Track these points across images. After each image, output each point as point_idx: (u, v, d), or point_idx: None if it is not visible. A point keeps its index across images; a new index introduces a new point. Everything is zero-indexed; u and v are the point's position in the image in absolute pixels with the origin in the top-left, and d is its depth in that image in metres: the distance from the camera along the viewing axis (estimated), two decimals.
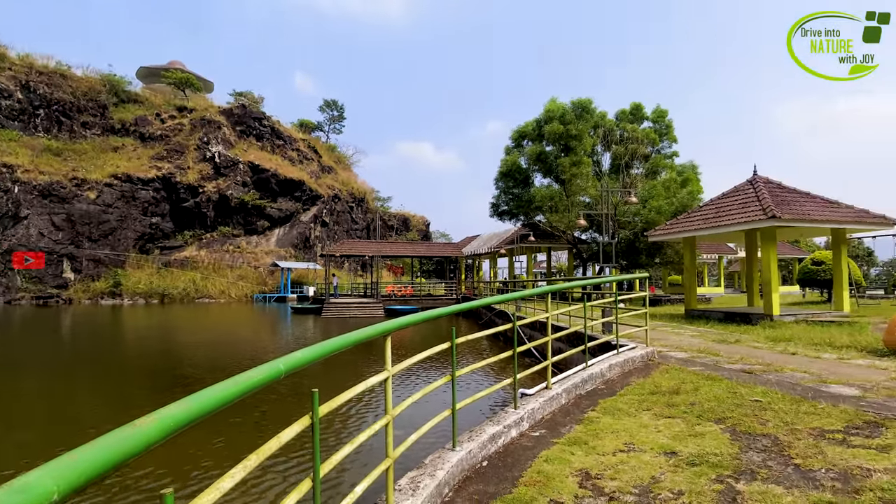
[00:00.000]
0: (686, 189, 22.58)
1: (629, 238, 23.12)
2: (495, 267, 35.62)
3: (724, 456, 3.85)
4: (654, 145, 26.73)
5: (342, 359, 13.70)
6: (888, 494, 3.09)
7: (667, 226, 16.66)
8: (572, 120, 23.06)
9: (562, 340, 10.59)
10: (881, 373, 6.35)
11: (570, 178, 23.03)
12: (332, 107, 71.11)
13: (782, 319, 13.09)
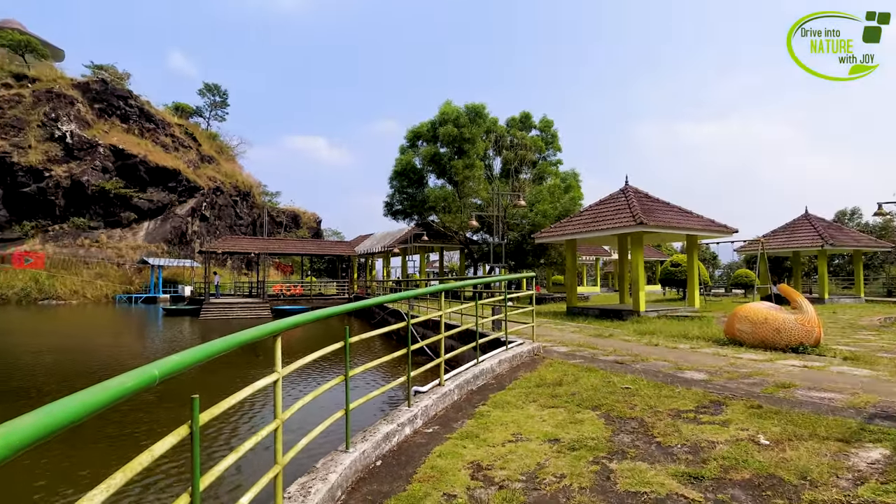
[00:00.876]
0: (569, 195, 24.43)
1: (517, 240, 24.43)
2: (388, 266, 35.56)
3: (599, 440, 4.20)
4: (541, 152, 28.55)
5: (229, 362, 12.73)
6: (727, 462, 3.59)
7: (551, 229, 17.86)
8: (466, 124, 23.82)
9: (454, 338, 10.85)
10: (723, 359, 7.37)
11: (463, 180, 23.74)
12: (213, 91, 65.71)
13: (648, 315, 14.64)
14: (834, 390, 5.29)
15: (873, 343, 9.24)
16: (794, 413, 4.45)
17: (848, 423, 4.14)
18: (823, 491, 3.11)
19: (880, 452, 3.57)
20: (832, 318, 14.82)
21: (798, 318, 8.05)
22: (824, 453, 3.62)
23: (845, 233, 25.77)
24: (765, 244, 24.14)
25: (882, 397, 4.96)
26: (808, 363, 6.96)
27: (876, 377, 6.03)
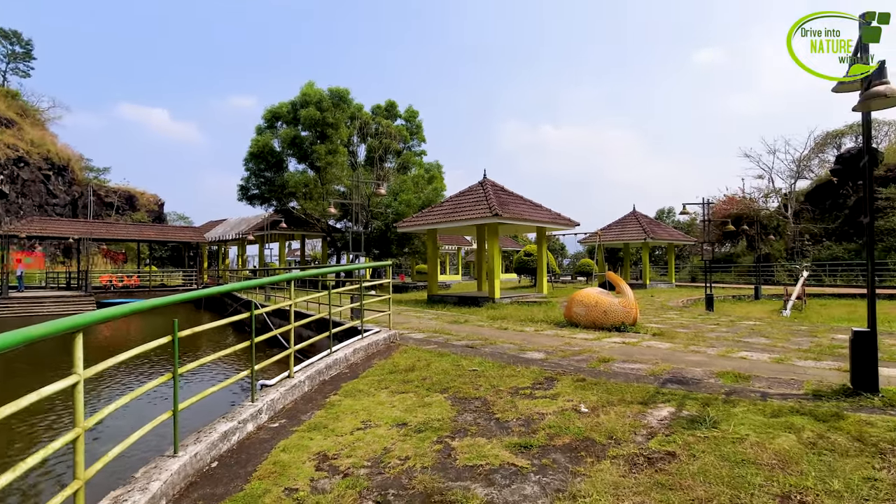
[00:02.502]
0: (432, 185, 25.07)
1: (382, 228, 24.45)
2: (244, 254, 33.12)
3: (444, 420, 4.39)
4: (406, 142, 28.80)
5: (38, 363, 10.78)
6: (553, 430, 4.00)
7: (413, 218, 18.19)
8: (329, 108, 23.03)
9: (310, 328, 10.52)
10: (560, 339, 8.21)
11: (325, 166, 22.98)
12: (10, 39, 53.79)
13: (502, 301, 15.69)
14: (642, 362, 6.21)
15: (676, 320, 11.03)
16: (609, 383, 5.12)
17: (647, 388, 4.89)
18: (624, 447, 3.63)
19: (668, 411, 4.27)
20: (650, 301, 17.36)
21: (621, 302, 9.28)
22: (628, 415, 4.22)
23: (663, 228, 30.32)
24: (601, 237, 27.38)
25: (675, 365, 5.94)
26: (626, 340, 8.06)
27: (674, 349, 7.20)
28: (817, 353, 6.72)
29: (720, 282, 32.66)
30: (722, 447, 3.50)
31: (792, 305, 15.54)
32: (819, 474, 3.07)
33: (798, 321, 11.97)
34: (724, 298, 20.56)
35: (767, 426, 3.80)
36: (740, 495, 2.89)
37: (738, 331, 9.22)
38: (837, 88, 4.55)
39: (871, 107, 4.10)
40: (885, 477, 2.99)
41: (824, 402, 4.28)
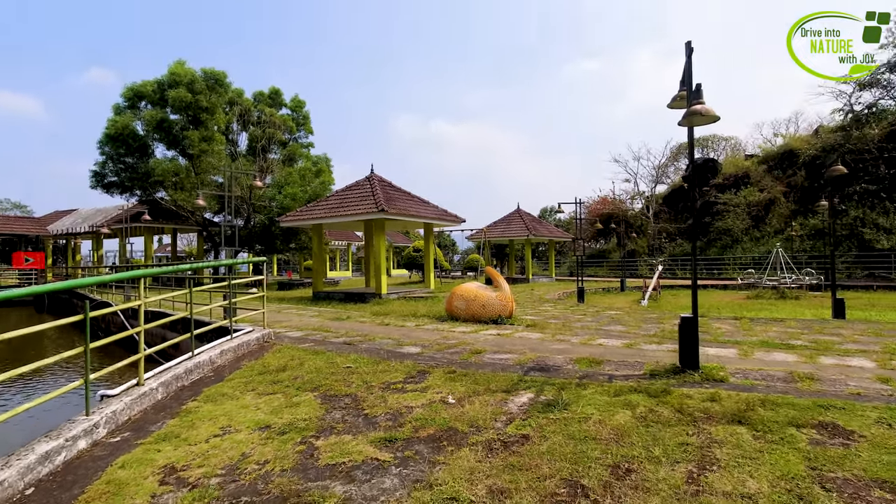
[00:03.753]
0: (319, 179, 24.20)
1: (265, 223, 23.12)
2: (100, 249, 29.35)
3: (311, 420, 4.27)
4: (292, 133, 27.46)
5: None
6: (419, 422, 4.08)
7: (298, 212, 17.47)
8: (203, 90, 21.11)
9: (176, 329, 9.66)
10: (438, 333, 8.40)
11: (199, 154, 21.07)
12: None
13: (389, 297, 15.66)
14: (511, 352, 6.56)
15: (549, 312, 11.84)
16: (478, 374, 5.34)
17: (512, 377, 5.18)
18: (484, 434, 3.80)
19: (528, 397, 4.56)
20: (530, 294, 18.45)
21: (498, 295, 9.73)
22: (492, 403, 4.44)
23: (544, 226, 32.39)
24: (486, 233, 28.53)
25: (540, 354, 6.37)
26: (501, 332, 8.48)
27: (543, 339, 7.71)
28: (661, 338, 7.62)
29: (594, 276, 35.72)
30: (570, 427, 3.81)
31: (649, 296, 17.45)
32: (645, 443, 3.47)
33: (652, 310, 13.47)
34: (595, 291, 22.52)
35: (610, 405, 4.21)
36: (579, 469, 3.17)
37: (601, 320, 10.14)
38: (671, 105, 5.17)
39: (693, 122, 4.71)
40: (695, 441, 3.47)
41: (657, 380, 4.86)
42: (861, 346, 6.55)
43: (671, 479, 2.99)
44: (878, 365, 5.40)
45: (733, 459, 3.17)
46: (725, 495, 2.78)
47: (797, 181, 30.60)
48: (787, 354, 6.10)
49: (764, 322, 9.44)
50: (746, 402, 4.07)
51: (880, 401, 4.03)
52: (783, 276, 19.26)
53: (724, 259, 29.86)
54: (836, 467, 3.00)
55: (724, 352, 6.36)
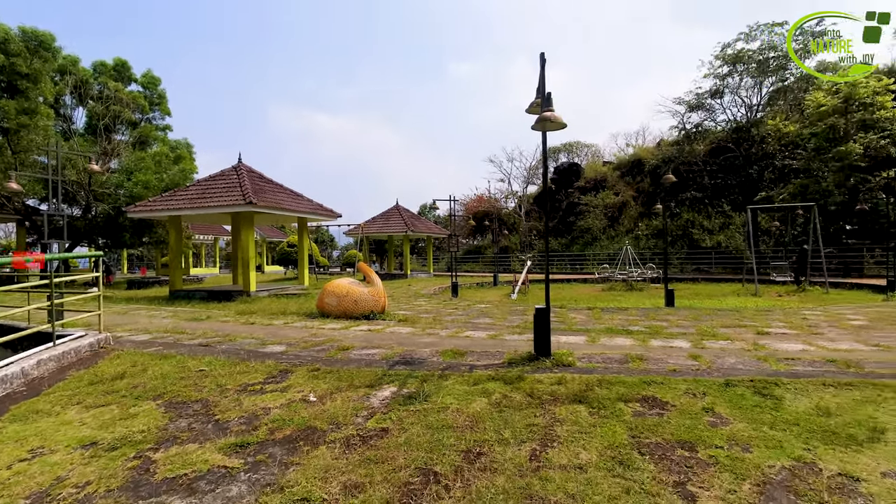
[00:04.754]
0: (179, 166, 21.83)
1: (109, 213, 20.30)
2: None
3: (150, 431, 3.85)
4: (144, 112, 24.42)
5: None
6: (276, 424, 3.88)
7: (151, 202, 15.60)
8: (23, 52, 17.65)
9: None
10: (307, 331, 8.09)
11: (17, 129, 17.67)
12: None
13: (259, 295, 14.73)
14: (380, 347, 6.55)
15: (423, 307, 12.04)
16: (343, 370, 5.24)
17: (377, 371, 5.16)
18: (344, 430, 3.74)
19: (391, 390, 4.58)
20: (406, 289, 18.60)
21: (370, 291, 9.65)
22: (354, 399, 4.38)
23: (423, 222, 32.89)
24: (364, 229, 28.23)
25: (409, 348, 6.44)
26: (372, 327, 8.42)
27: (413, 333, 7.81)
28: (522, 329, 8.15)
29: (470, 271, 37.16)
30: (429, 417, 3.90)
31: (518, 290, 18.60)
32: (497, 427, 3.67)
33: (520, 303, 14.37)
34: (470, 286, 23.45)
35: (468, 394, 4.39)
36: (433, 457, 3.26)
37: (471, 313, 10.56)
38: (529, 110, 5.53)
39: (545, 128, 5.10)
40: (541, 421, 3.75)
41: (514, 368, 5.18)
42: (682, 330, 7.62)
43: (517, 458, 3.20)
44: (693, 345, 6.33)
45: (571, 435, 3.48)
46: (561, 468, 3.04)
47: (644, 187, 34.79)
48: (626, 339, 6.89)
49: (612, 311, 10.57)
50: (587, 383, 4.51)
51: (690, 375, 4.72)
52: (631, 271, 21.77)
53: (586, 255, 32.91)
54: (652, 434, 3.45)
55: (575, 339, 6.99)
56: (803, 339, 6.63)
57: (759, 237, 24.66)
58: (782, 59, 29.04)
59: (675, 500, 2.64)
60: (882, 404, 3.85)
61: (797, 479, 2.81)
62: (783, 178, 26.28)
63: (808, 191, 22.05)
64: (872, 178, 21.07)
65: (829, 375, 4.58)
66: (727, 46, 30.12)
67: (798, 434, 3.37)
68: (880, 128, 20.61)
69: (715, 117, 33.26)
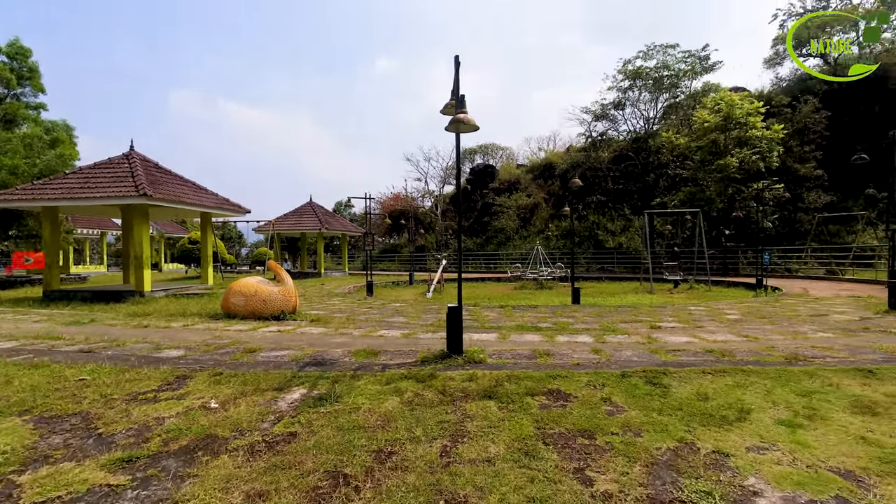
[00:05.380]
0: (56, 151, 19.41)
1: None
2: None
3: (15, 451, 3.39)
4: (10, 87, 21.45)
5: None
6: (171, 434, 3.59)
7: (19, 190, 13.73)
8: None
9: None
10: (210, 333, 7.58)
11: None
12: None
13: (154, 295, 13.55)
14: (290, 348, 6.29)
15: (336, 306, 11.77)
16: (249, 374, 4.97)
17: (286, 373, 4.96)
18: (248, 436, 3.53)
19: (300, 393, 4.41)
20: (320, 289, 18.07)
21: (280, 290, 9.25)
22: (260, 403, 4.16)
23: (338, 220, 32.11)
24: (276, 225, 27.03)
25: (320, 348, 6.26)
26: (282, 328, 8.07)
27: (325, 333, 7.60)
28: (436, 327, 8.22)
29: (386, 270, 36.92)
30: (339, 419, 3.80)
31: (433, 288, 18.76)
32: (409, 426, 3.66)
33: (434, 301, 14.50)
34: (386, 284, 23.30)
35: (380, 393, 4.35)
36: (343, 459, 3.18)
37: (386, 312, 10.49)
38: (443, 111, 5.59)
39: (458, 129, 5.18)
40: (452, 418, 3.80)
41: (427, 366, 5.21)
42: (586, 326, 8.11)
43: (428, 455, 3.21)
44: (595, 340, 6.76)
45: (481, 430, 3.57)
46: (471, 462, 3.10)
47: (554, 190, 36.59)
48: (535, 335, 7.19)
49: (523, 309, 11.00)
50: (497, 379, 4.64)
51: (591, 368, 5.03)
52: (541, 270, 22.79)
53: (499, 254, 33.97)
54: (556, 424, 3.62)
55: (487, 336, 7.17)
56: (689, 332, 7.33)
57: (655, 239, 26.92)
58: (674, 78, 31.92)
59: (575, 486, 2.79)
60: (749, 388, 4.35)
61: (679, 459, 3.09)
62: (675, 186, 28.90)
63: (695, 198, 24.44)
64: (746, 189, 23.82)
65: (708, 364, 5.09)
66: (628, 63, 32.56)
67: (681, 418, 3.71)
68: (752, 145, 23.36)
69: (618, 127, 35.83)
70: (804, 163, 26.62)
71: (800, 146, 27.10)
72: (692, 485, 2.78)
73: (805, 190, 26.32)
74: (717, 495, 2.67)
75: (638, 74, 32.00)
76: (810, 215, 25.63)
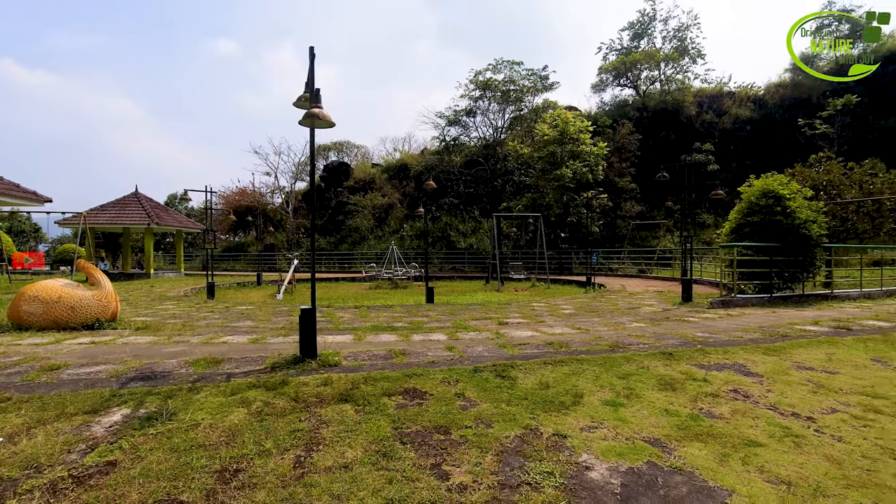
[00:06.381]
0: None
1: None
2: None
3: None
4: None
5: None
6: None
7: None
8: None
9: None
10: None
11: None
12: None
13: None
14: (109, 362, 5.39)
15: (170, 311, 10.45)
16: (50, 397, 4.13)
17: (103, 392, 4.23)
18: (49, 473, 2.92)
19: (122, 413, 3.80)
20: (149, 291, 15.90)
21: (95, 295, 7.90)
22: (66, 431, 3.48)
23: (171, 214, 28.59)
24: (90, 219, 23.13)
25: (148, 360, 5.47)
26: (98, 338, 6.90)
27: (155, 342, 6.68)
28: (288, 330, 7.76)
29: (230, 270, 34.00)
30: (174, 439, 3.35)
31: (284, 289, 17.76)
32: (257, 439, 3.37)
33: (286, 303, 13.72)
34: (230, 286, 21.42)
35: (224, 405, 3.94)
36: (179, 484, 2.80)
37: (230, 316, 9.61)
38: (296, 104, 5.28)
39: (313, 124, 4.95)
40: (306, 425, 3.59)
41: (277, 372, 4.88)
42: (440, 324, 8.36)
43: (279, 468, 2.99)
44: (448, 337, 6.99)
45: (337, 435, 3.43)
46: (327, 470, 2.96)
47: (409, 191, 37.21)
48: (391, 335, 7.19)
49: (378, 309, 10.95)
50: (353, 381, 4.53)
51: (445, 365, 5.19)
52: (396, 270, 23.00)
53: (354, 254, 33.47)
54: (412, 423, 3.64)
55: (342, 338, 6.98)
56: (532, 326, 7.99)
57: (502, 241, 28.96)
58: (519, 93, 34.76)
59: (432, 481, 2.83)
60: (582, 375, 4.87)
61: (525, 444, 3.32)
62: (520, 192, 31.45)
63: (537, 203, 26.91)
64: (578, 197, 26.92)
65: (549, 355, 5.59)
66: (479, 74, 34.56)
67: (527, 407, 4.00)
68: (583, 158, 26.50)
69: (469, 133, 37.80)
70: (622, 177, 31.02)
71: (619, 162, 31.52)
72: (537, 467, 3.00)
73: (623, 200, 30.67)
74: (557, 474, 2.92)
75: (488, 86, 34.16)
76: (626, 222, 29.93)
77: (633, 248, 28.24)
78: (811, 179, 19.27)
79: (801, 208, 11.42)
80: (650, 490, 2.79)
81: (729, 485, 2.84)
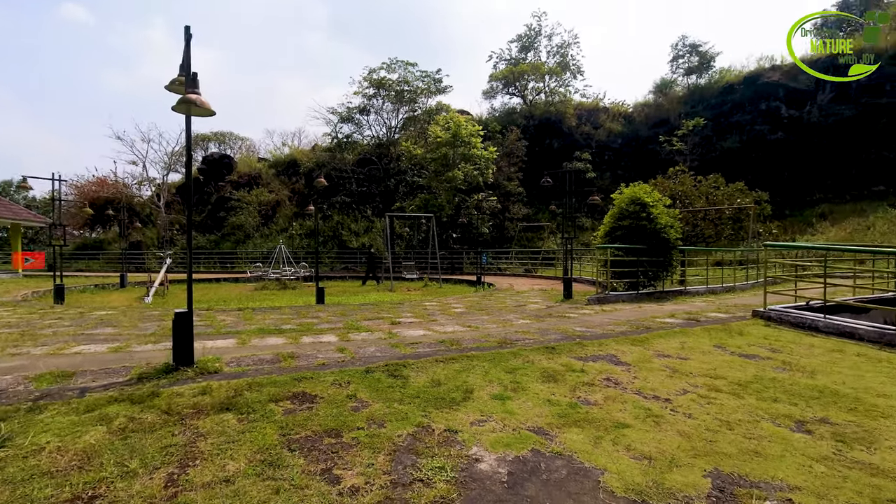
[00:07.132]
0: None
1: None
2: None
3: None
4: None
5: None
6: None
7: None
8: None
9: None
10: None
11: None
12: None
13: None
14: None
15: (5, 319, 8.97)
16: None
17: None
18: None
19: None
20: None
21: None
22: None
23: (4, 205, 24.50)
24: None
25: None
26: None
27: None
28: (159, 337, 7.03)
29: (87, 270, 30.02)
30: (10, 468, 2.87)
31: (154, 292, 16.07)
32: (120, 460, 3.00)
33: (156, 307, 12.42)
34: (86, 288, 18.89)
35: (77, 425, 3.46)
36: None
37: (85, 322, 8.47)
38: (169, 87, 4.80)
39: (189, 111, 4.54)
40: (180, 440, 3.28)
41: (145, 383, 4.39)
42: (331, 325, 8.12)
43: (147, 489, 2.69)
44: (340, 338, 6.82)
45: (217, 448, 3.17)
46: (205, 486, 2.72)
47: (299, 187, 35.69)
48: (278, 338, 6.83)
49: (264, 311, 10.35)
50: (236, 388, 4.22)
51: (337, 367, 5.05)
52: (285, 270, 21.92)
53: (238, 253, 31.30)
54: (301, 428, 3.49)
55: (223, 343, 6.48)
56: (424, 325, 8.08)
57: (395, 240, 28.93)
58: (413, 94, 35.01)
59: (322, 486, 2.73)
60: (472, 371, 5.03)
61: (417, 442, 3.34)
62: (413, 192, 31.67)
63: (430, 204, 27.29)
64: (469, 199, 27.79)
65: (440, 353, 5.70)
66: (373, 72, 34.22)
67: (419, 405, 4.03)
68: (474, 162, 27.41)
69: (362, 132, 37.27)
70: (511, 181, 32.62)
71: (508, 167, 33.11)
72: (429, 463, 3.04)
73: (511, 203, 32.26)
74: (448, 468, 2.98)
75: (382, 84, 33.96)
76: (514, 224, 31.53)
77: (521, 248, 29.84)
78: (669, 189, 21.87)
79: (661, 215, 12.88)
80: (534, 475, 2.96)
81: (602, 464, 3.10)
